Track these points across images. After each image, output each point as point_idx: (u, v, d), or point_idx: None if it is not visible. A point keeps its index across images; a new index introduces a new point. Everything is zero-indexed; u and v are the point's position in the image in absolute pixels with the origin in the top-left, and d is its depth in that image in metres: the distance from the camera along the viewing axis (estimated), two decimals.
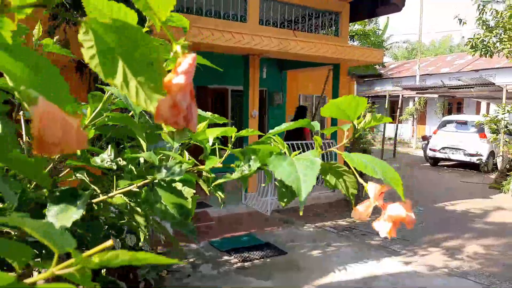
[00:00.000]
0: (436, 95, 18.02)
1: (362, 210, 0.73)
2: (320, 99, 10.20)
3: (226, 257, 5.18)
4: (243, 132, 0.87)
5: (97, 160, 0.88)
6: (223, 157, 0.85)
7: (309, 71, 9.94)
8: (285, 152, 0.79)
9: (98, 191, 0.93)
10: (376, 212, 0.75)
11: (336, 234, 6.21)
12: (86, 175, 1.05)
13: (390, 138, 20.45)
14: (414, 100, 21.60)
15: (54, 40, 1.44)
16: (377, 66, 20.87)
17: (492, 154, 12.77)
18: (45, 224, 0.39)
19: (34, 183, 0.85)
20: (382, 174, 0.71)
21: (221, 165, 0.83)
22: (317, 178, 0.73)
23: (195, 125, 0.46)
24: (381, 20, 23.45)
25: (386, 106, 17.12)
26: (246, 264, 5.00)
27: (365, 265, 5.03)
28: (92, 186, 0.96)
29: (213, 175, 0.87)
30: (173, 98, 0.44)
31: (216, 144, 0.86)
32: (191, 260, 5.04)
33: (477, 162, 12.72)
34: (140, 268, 4.04)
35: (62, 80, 0.43)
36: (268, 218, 6.94)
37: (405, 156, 17.14)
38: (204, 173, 0.87)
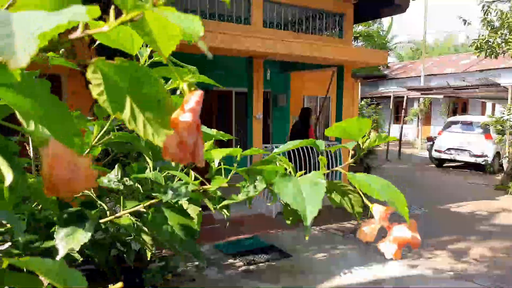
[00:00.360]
0: (441, 96, 17.94)
1: (367, 231, 0.73)
2: (325, 100, 10.20)
3: (231, 260, 5.19)
4: (248, 152, 0.87)
5: (104, 180, 0.89)
6: (229, 177, 0.86)
7: (313, 72, 9.94)
8: (290, 172, 0.80)
9: (106, 207, 0.94)
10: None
11: (342, 237, 6.20)
12: (92, 191, 1.06)
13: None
14: (419, 101, 21.51)
15: (60, 52, 1.45)
16: (381, 67, 20.81)
17: (498, 155, 12.70)
18: (56, 264, 0.40)
19: None
20: (387, 195, 0.72)
21: (227, 185, 0.84)
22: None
23: (202, 160, 0.46)
24: (385, 20, 23.40)
25: (391, 107, 17.07)
26: (251, 267, 5.01)
27: (371, 269, 5.02)
28: (99, 202, 0.97)
29: (219, 193, 0.88)
30: (180, 136, 0.44)
31: (222, 164, 0.86)
32: (196, 263, 5.05)
33: (483, 163, 12.65)
34: (145, 272, 4.06)
35: (72, 117, 0.44)
36: (273, 220, 6.94)
37: (410, 157, 17.08)
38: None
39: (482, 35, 10.59)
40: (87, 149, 0.86)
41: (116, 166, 0.92)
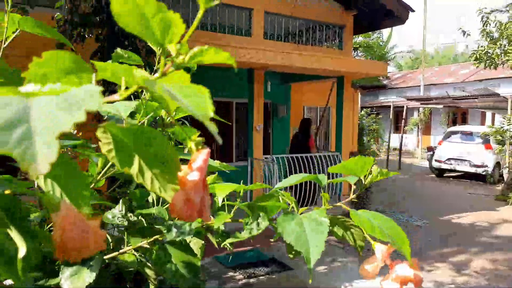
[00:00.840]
0: (440, 106, 17.98)
1: (369, 270, 0.74)
2: (325, 110, 10.24)
3: (231, 273, 5.17)
4: (251, 187, 0.88)
5: (108, 216, 0.90)
6: (232, 212, 0.86)
7: (313, 83, 9.99)
8: (293, 207, 0.81)
9: (109, 239, 0.94)
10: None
11: (343, 249, 6.18)
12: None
13: (395, 149, 20.39)
14: (418, 110, 21.56)
15: None
16: (381, 77, 20.89)
17: (498, 165, 12.69)
18: None
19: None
20: (389, 234, 0.72)
21: (230, 221, 0.85)
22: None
23: (209, 216, 0.47)
24: (385, 30, 23.54)
25: (391, 117, 17.10)
26: (251, 280, 4.99)
27: (372, 282, 4.99)
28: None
29: (222, 227, 0.89)
30: (187, 194, 0.45)
31: (225, 200, 0.87)
32: None
33: (483, 173, 12.63)
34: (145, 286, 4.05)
35: (84, 178, 0.44)
36: (274, 233, 6.92)
37: (410, 167, 17.07)
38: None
39: (482, 46, 10.65)
40: (92, 183, 0.87)
41: (120, 201, 0.93)
